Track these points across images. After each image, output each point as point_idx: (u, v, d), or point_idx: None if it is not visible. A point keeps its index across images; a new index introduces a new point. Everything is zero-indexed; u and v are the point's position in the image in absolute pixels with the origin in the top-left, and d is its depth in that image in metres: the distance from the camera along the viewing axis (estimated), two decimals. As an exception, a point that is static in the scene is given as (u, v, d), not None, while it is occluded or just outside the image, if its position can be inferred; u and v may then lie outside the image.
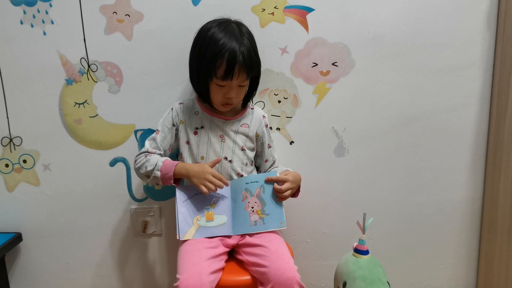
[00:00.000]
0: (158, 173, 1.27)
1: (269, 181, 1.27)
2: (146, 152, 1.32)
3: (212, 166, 1.26)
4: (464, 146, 1.52)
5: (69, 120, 1.49)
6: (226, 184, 1.26)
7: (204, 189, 1.22)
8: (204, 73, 1.23)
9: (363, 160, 1.53)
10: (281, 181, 1.27)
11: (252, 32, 1.27)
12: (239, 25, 1.26)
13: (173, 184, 1.28)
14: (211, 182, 1.23)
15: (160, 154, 1.33)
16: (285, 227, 1.26)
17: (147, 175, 1.29)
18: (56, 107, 1.48)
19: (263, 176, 1.29)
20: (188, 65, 1.30)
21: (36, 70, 1.45)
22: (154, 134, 1.34)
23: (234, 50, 1.18)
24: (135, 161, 1.33)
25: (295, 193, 1.32)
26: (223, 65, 1.19)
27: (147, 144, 1.34)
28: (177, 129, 1.35)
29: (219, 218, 1.28)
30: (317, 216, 1.57)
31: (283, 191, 1.26)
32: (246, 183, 1.29)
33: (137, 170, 1.32)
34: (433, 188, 1.55)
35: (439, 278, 1.63)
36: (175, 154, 1.43)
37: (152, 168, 1.27)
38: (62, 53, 1.44)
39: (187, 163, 1.30)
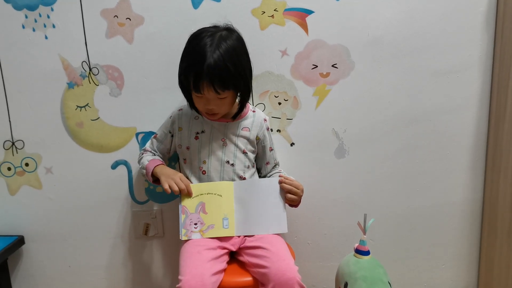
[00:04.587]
0: (143, 171, 1.37)
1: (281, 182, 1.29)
2: (144, 150, 1.43)
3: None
4: (464, 147, 1.52)
5: (70, 124, 1.50)
6: (190, 194, 1.28)
7: (166, 186, 1.25)
8: (184, 84, 1.26)
9: (364, 162, 1.53)
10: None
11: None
12: (222, 35, 1.21)
13: (155, 183, 1.37)
14: (176, 183, 1.26)
15: (153, 154, 1.41)
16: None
17: (141, 173, 1.40)
18: (57, 111, 1.49)
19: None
20: None
21: (37, 74, 1.46)
22: (152, 137, 1.43)
23: (199, 65, 1.16)
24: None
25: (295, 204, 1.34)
26: (191, 79, 1.20)
27: (147, 144, 1.44)
28: (172, 136, 1.38)
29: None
30: (318, 218, 1.58)
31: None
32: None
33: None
34: (433, 189, 1.55)
35: (440, 279, 1.63)
36: (177, 158, 1.45)
37: (141, 166, 1.39)
38: (64, 56, 1.45)
39: (165, 167, 1.36)
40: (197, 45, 1.20)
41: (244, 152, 1.35)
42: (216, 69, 1.16)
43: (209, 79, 1.16)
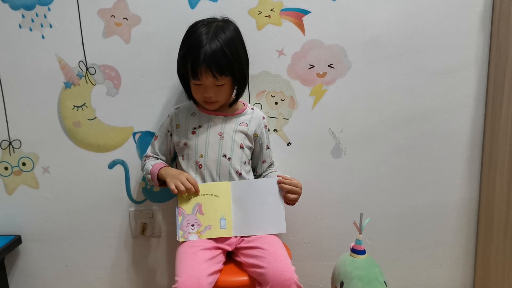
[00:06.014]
0: (149, 176, 1.36)
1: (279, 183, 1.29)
2: (145, 156, 1.42)
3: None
4: (460, 147, 1.52)
5: (68, 123, 1.50)
6: (197, 192, 1.27)
7: (172, 186, 1.25)
8: (182, 72, 1.28)
9: (360, 161, 1.53)
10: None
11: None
12: (219, 24, 1.26)
13: (161, 186, 1.36)
14: (182, 183, 1.25)
15: (156, 158, 1.40)
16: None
17: (147, 179, 1.38)
18: (55, 110, 1.49)
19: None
20: None
21: (35, 74, 1.46)
22: (153, 140, 1.42)
23: (196, 50, 1.20)
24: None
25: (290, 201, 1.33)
26: (189, 65, 1.22)
27: (148, 149, 1.42)
28: (171, 135, 1.39)
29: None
30: (315, 217, 1.58)
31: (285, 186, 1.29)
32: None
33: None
34: (430, 189, 1.56)
35: (436, 278, 1.63)
36: (176, 157, 1.45)
37: (145, 172, 1.37)
38: (61, 56, 1.45)
39: (170, 168, 1.35)
40: (194, 33, 1.24)
41: (241, 147, 1.35)
42: (213, 53, 1.20)
43: (206, 64, 1.19)
